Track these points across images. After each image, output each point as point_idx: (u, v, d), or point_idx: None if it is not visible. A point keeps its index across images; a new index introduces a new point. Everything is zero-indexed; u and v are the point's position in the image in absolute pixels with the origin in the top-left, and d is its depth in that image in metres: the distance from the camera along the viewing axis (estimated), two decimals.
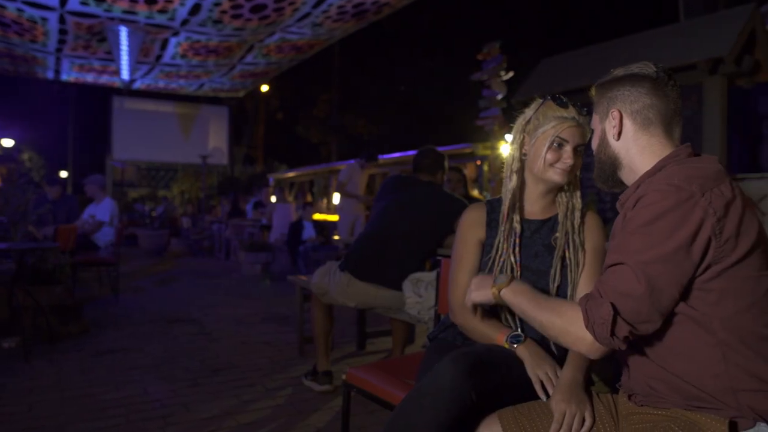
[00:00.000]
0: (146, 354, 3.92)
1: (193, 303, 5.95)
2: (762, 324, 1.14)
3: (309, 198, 13.23)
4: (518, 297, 1.38)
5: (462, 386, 1.34)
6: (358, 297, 3.07)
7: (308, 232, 8.37)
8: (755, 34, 3.76)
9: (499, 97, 7.93)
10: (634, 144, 1.32)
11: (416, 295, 2.86)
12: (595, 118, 1.41)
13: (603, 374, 2.31)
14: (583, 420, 1.32)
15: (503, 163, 1.75)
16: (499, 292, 1.43)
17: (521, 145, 1.66)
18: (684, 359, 1.19)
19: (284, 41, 6.97)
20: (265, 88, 19.91)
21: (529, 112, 1.66)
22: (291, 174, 17.02)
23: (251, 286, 7.28)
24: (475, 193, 5.62)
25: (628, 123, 1.32)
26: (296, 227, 8.49)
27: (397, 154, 10.83)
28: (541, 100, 1.64)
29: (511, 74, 7.92)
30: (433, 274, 2.83)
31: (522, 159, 1.67)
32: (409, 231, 3.04)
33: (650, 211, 1.14)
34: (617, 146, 1.35)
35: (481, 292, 1.48)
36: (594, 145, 1.42)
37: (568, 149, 1.58)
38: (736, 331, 1.14)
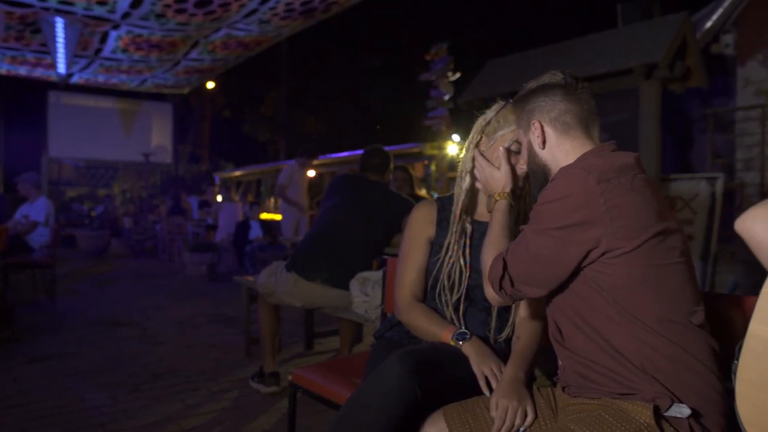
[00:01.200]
0: (84, 360, 3.77)
1: (134, 306, 5.76)
2: (665, 308, 1.22)
3: (251, 198, 13.01)
4: (495, 227, 1.47)
5: (407, 384, 1.35)
6: (305, 297, 3.04)
7: (255, 232, 8.24)
8: (686, 42, 3.95)
9: (447, 97, 8.03)
10: (559, 150, 1.38)
11: (363, 294, 2.86)
12: (520, 132, 1.48)
13: (545, 368, 2.38)
14: (525, 414, 1.35)
15: (458, 162, 1.75)
16: (496, 202, 1.53)
17: (477, 146, 1.67)
18: (602, 346, 1.26)
19: (230, 38, 6.84)
20: (210, 85, 19.48)
21: (489, 113, 1.67)
22: (238, 173, 16.73)
23: (196, 287, 7.11)
24: (423, 192, 5.68)
25: (549, 131, 1.39)
26: (243, 227, 8.35)
27: (345, 153, 10.82)
28: (502, 103, 1.66)
29: (458, 75, 8.04)
30: (380, 273, 2.84)
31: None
32: (357, 230, 3.04)
33: (552, 192, 1.25)
34: (544, 154, 1.41)
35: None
36: (524, 158, 1.48)
37: (525, 154, 1.61)
38: (642, 313, 1.22)
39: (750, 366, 1.06)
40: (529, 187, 1.70)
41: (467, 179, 1.68)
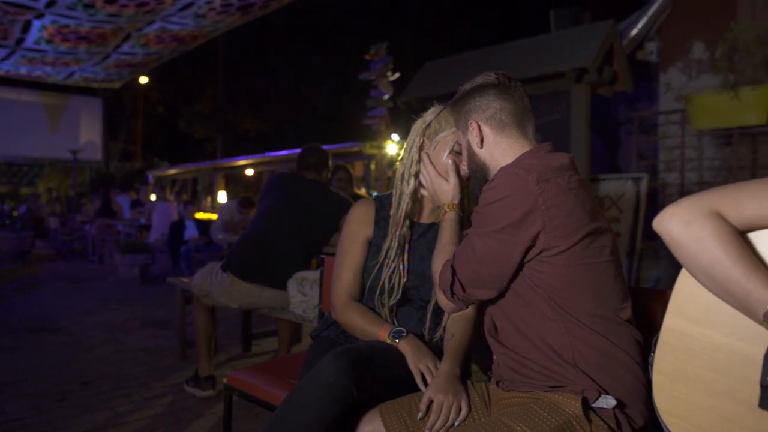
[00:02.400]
0: (4, 369, 3.55)
1: (61, 310, 5.48)
2: (597, 304, 1.27)
3: (186, 196, 12.65)
4: (445, 233, 1.51)
5: (343, 383, 1.34)
6: (242, 298, 2.99)
7: (191, 232, 8.01)
8: (613, 48, 4.13)
9: (386, 97, 8.07)
10: (496, 148, 1.41)
11: (301, 294, 2.84)
12: (459, 134, 1.50)
13: (481, 363, 2.43)
14: (460, 409, 1.38)
15: (397, 163, 1.74)
16: (446, 213, 1.57)
17: (420, 149, 1.66)
18: (536, 341, 1.30)
19: (165, 31, 6.60)
20: (144, 79, 18.82)
21: (428, 116, 1.68)
22: (173, 171, 16.22)
23: (128, 290, 6.84)
24: (362, 192, 5.68)
25: (486, 129, 1.42)
26: (177, 227, 8.10)
27: (285, 152, 10.68)
28: (441, 106, 1.67)
29: (397, 75, 8.09)
30: (317, 273, 2.82)
31: (420, 163, 1.66)
32: (294, 230, 3.01)
33: (493, 193, 1.27)
34: (482, 153, 1.44)
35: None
36: (465, 159, 1.50)
37: (465, 155, 1.62)
38: (574, 309, 1.27)
39: (665, 358, 1.12)
40: (469, 188, 1.72)
41: (411, 183, 1.67)
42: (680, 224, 1.03)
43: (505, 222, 1.24)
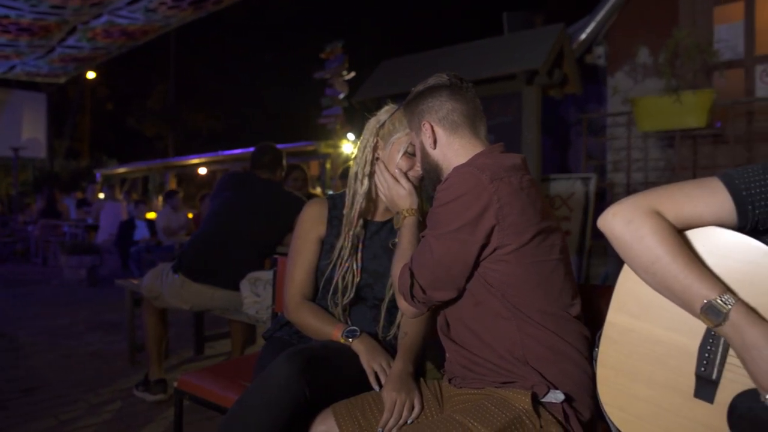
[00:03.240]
0: None
1: (1, 315, 5.24)
2: (547, 302, 1.31)
3: (135, 196, 12.31)
4: (405, 236, 1.51)
5: (296, 384, 1.34)
6: (194, 299, 2.93)
7: (141, 232, 7.79)
8: (563, 52, 4.24)
9: (341, 96, 8.06)
10: (449, 148, 1.43)
11: (254, 295, 2.80)
12: (413, 135, 1.52)
13: (435, 361, 2.46)
14: (413, 407, 1.39)
15: (350, 162, 1.73)
16: (404, 219, 1.56)
17: (374, 149, 1.66)
18: (488, 339, 1.32)
19: (113, 25, 6.40)
20: (91, 74, 18.16)
21: (382, 116, 1.67)
22: (122, 169, 15.73)
23: (74, 293, 6.60)
24: (318, 191, 5.65)
25: (439, 130, 1.44)
26: (127, 227, 7.86)
27: (239, 150, 10.51)
28: (395, 106, 1.67)
29: (352, 74, 8.09)
30: (271, 273, 2.79)
31: (374, 163, 1.66)
32: (247, 230, 2.96)
33: (447, 193, 1.28)
34: (436, 154, 1.45)
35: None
36: (418, 159, 1.51)
37: (419, 156, 1.62)
38: (526, 306, 1.29)
39: (608, 352, 1.16)
40: (421, 188, 1.74)
41: (365, 182, 1.67)
42: (623, 223, 1.07)
43: (461, 221, 1.26)
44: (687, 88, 4.25)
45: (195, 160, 13.14)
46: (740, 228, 1.04)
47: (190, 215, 7.79)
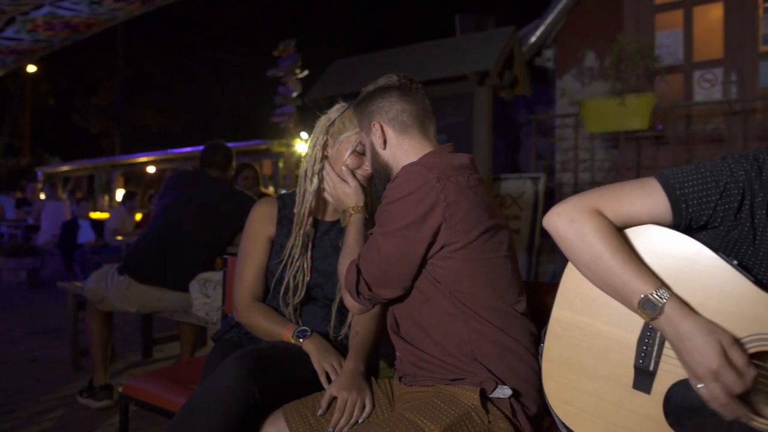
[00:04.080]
0: None
1: None
2: (494, 298, 1.33)
3: (79, 194, 11.87)
4: (351, 234, 1.52)
5: (245, 386, 1.32)
6: (140, 301, 2.85)
7: (85, 233, 7.51)
8: (513, 54, 4.33)
9: (295, 94, 7.99)
10: (399, 148, 1.44)
11: (204, 296, 2.75)
12: (363, 135, 1.52)
13: (389, 360, 2.47)
14: (364, 406, 1.39)
15: (300, 161, 1.73)
16: (351, 216, 1.57)
17: (324, 147, 1.66)
18: (436, 336, 1.34)
19: (55, 17, 6.13)
20: (32, 68, 17.41)
21: (333, 114, 1.67)
22: (65, 168, 15.14)
23: (13, 297, 6.31)
24: (270, 191, 5.58)
25: (389, 131, 1.45)
26: (70, 227, 7.57)
27: (188, 149, 10.29)
28: (345, 104, 1.66)
29: (306, 73, 8.02)
30: (221, 274, 2.74)
31: (323, 161, 1.66)
32: (197, 229, 2.90)
33: (395, 191, 1.29)
34: (386, 154, 1.46)
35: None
36: (369, 159, 1.52)
37: (369, 156, 1.63)
38: (473, 303, 1.32)
39: (553, 348, 1.19)
40: (372, 186, 1.74)
41: (315, 181, 1.66)
42: (566, 222, 1.11)
43: (408, 219, 1.27)
44: (631, 92, 4.41)
45: (143, 159, 12.78)
46: (675, 226, 1.09)
47: (139, 215, 7.58)
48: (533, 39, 5.70)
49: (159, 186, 9.92)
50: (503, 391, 1.29)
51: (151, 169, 13.24)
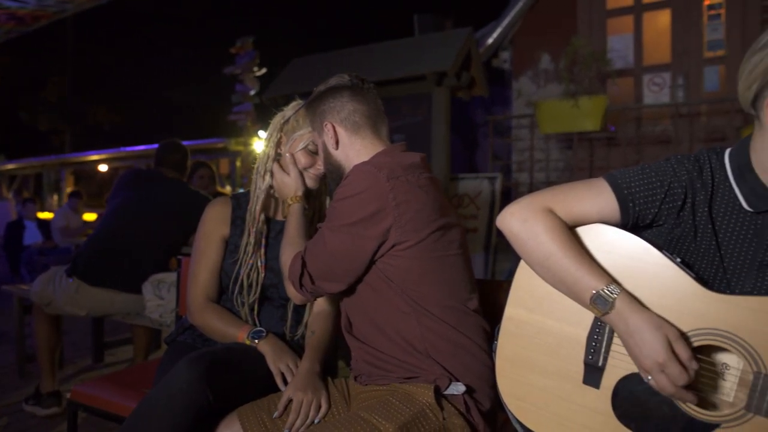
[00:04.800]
0: None
1: None
2: (446, 296, 1.35)
3: (26, 194, 11.42)
4: (292, 221, 1.53)
5: (198, 389, 1.30)
6: (91, 304, 2.76)
7: (32, 233, 7.23)
8: (471, 55, 4.38)
9: (252, 92, 7.88)
10: (351, 149, 1.44)
11: (158, 298, 2.68)
12: (315, 135, 1.52)
13: (347, 359, 2.47)
14: (320, 407, 1.38)
15: (256, 159, 1.72)
16: (292, 205, 1.59)
17: (277, 145, 1.65)
18: (390, 335, 1.35)
19: (0, 8, 5.89)
20: None
21: (288, 112, 1.66)
22: (11, 166, 14.55)
23: None
24: (227, 190, 5.50)
25: (341, 131, 1.45)
26: (15, 228, 7.27)
27: (141, 147, 10.03)
28: (301, 102, 1.65)
29: (264, 70, 7.93)
30: (175, 275, 2.68)
31: (277, 158, 1.66)
32: (150, 230, 2.83)
33: (346, 189, 1.30)
34: (338, 154, 1.46)
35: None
36: (321, 159, 1.52)
37: (322, 155, 1.62)
38: (425, 301, 1.33)
39: (506, 345, 1.21)
40: (326, 186, 1.74)
41: (267, 178, 1.66)
42: (519, 221, 1.13)
43: (357, 217, 1.27)
44: (584, 94, 4.52)
45: (95, 157, 12.39)
46: (623, 225, 1.12)
47: (94, 215, 7.34)
48: (490, 41, 5.78)
49: (111, 185, 9.66)
50: (457, 388, 1.30)
51: (103, 168, 12.85)
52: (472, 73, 4.45)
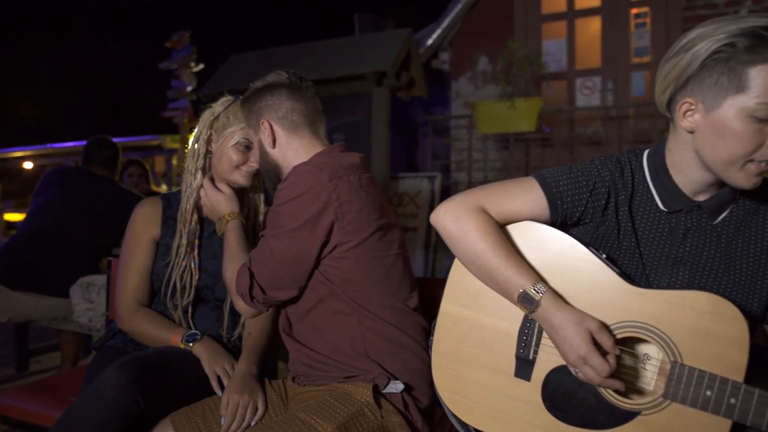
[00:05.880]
0: None
1: None
2: (387, 295, 1.36)
3: None
4: (231, 238, 1.49)
5: (128, 395, 1.25)
6: (13, 310, 2.62)
7: None
8: (410, 55, 4.43)
9: (189, 88, 7.64)
10: (288, 148, 1.43)
11: (87, 301, 2.57)
12: (251, 132, 1.49)
13: (287, 360, 2.44)
14: (256, 409, 1.36)
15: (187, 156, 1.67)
16: (227, 224, 1.54)
17: (208, 142, 1.61)
18: (329, 337, 1.35)
19: None
20: None
21: (217, 108, 1.62)
22: None
23: None
24: (163, 189, 5.33)
25: (278, 130, 1.43)
26: None
27: (71, 143, 9.57)
28: (231, 98, 1.62)
29: (201, 66, 7.71)
30: (105, 277, 2.58)
31: (207, 156, 1.62)
32: (79, 230, 2.71)
33: (287, 192, 1.28)
34: (275, 153, 1.44)
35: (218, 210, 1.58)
36: (257, 157, 1.50)
37: (256, 152, 1.59)
38: (366, 301, 1.34)
39: (441, 340, 1.24)
40: (260, 182, 1.71)
41: (198, 176, 1.62)
42: (451, 219, 1.16)
43: (301, 220, 1.26)
44: (519, 96, 4.64)
45: (18, 153, 11.73)
46: (552, 222, 1.17)
47: (19, 216, 6.94)
48: (430, 41, 5.85)
49: (35, 183, 9.17)
50: (395, 386, 1.32)
51: (27, 165, 12.17)
52: (411, 73, 4.50)
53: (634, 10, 5.11)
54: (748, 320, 0.99)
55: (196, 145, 1.63)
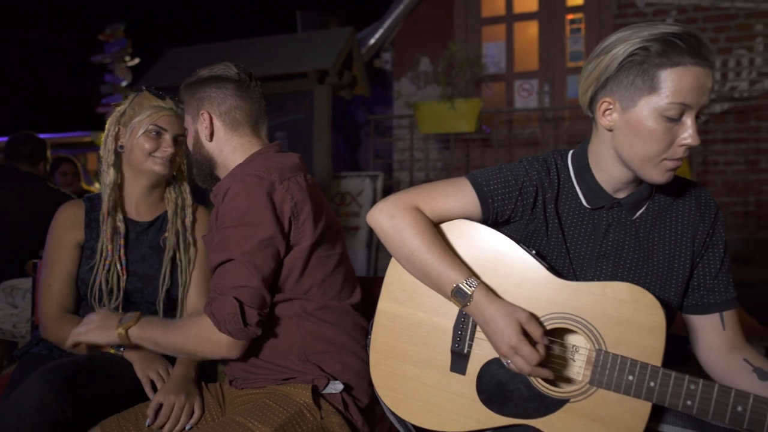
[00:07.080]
0: None
1: None
2: (329, 297, 1.36)
3: None
4: (147, 330, 1.32)
5: (53, 404, 1.20)
6: None
7: None
8: (352, 54, 4.43)
9: (124, 83, 7.36)
10: (227, 144, 1.41)
11: (11, 306, 2.44)
12: (188, 118, 1.46)
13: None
14: (192, 412, 1.33)
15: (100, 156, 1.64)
16: (127, 331, 1.31)
17: (116, 138, 1.58)
18: (268, 341, 1.33)
19: None
20: None
21: (124, 103, 1.60)
22: None
23: None
24: (96, 187, 5.12)
25: (218, 124, 1.40)
26: None
27: None
28: (135, 94, 1.61)
29: (136, 61, 7.45)
30: (31, 280, 2.46)
31: (118, 152, 1.59)
32: (1, 231, 2.57)
33: (239, 204, 1.24)
34: (211, 147, 1.42)
35: (104, 333, 1.33)
36: (189, 145, 1.47)
37: (167, 138, 1.56)
38: (309, 303, 1.33)
39: (379, 338, 1.25)
40: (183, 173, 1.67)
41: (111, 173, 1.58)
42: (387, 218, 1.17)
43: (269, 228, 1.23)
44: (460, 97, 4.73)
45: None
46: (484, 220, 1.20)
47: None
48: (372, 41, 5.86)
49: None
50: (335, 387, 1.32)
51: None
52: (354, 72, 4.50)
53: (569, 16, 5.30)
54: (665, 308, 1.06)
55: (105, 144, 1.60)
